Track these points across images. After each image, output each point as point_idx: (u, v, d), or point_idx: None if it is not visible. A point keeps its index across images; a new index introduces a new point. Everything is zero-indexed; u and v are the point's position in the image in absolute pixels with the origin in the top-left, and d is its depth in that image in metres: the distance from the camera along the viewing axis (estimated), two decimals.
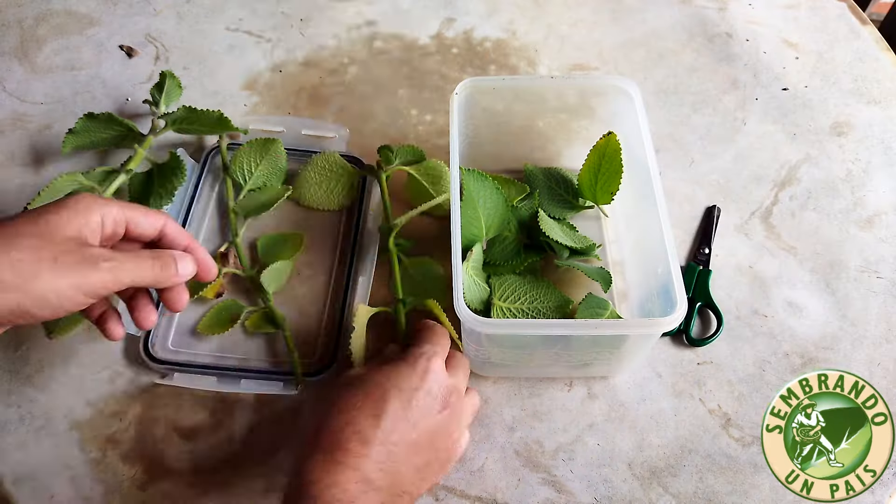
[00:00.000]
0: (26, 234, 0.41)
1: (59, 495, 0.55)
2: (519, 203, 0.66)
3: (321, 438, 0.45)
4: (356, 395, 0.47)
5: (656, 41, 0.83)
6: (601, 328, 0.50)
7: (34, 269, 0.40)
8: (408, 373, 0.48)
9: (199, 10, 0.86)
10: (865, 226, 0.68)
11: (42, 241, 0.41)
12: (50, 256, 0.40)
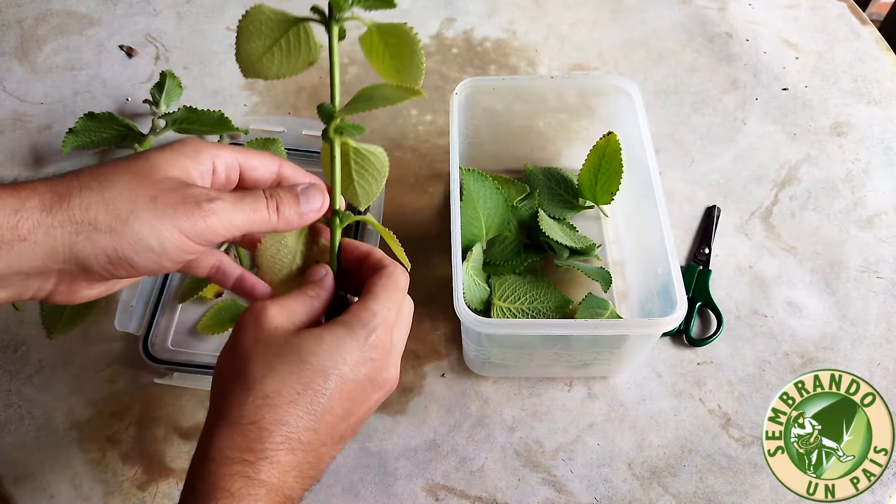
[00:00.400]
0: (121, 171, 0.36)
1: (59, 495, 0.55)
2: (519, 203, 0.66)
3: (244, 429, 0.35)
4: (293, 377, 0.36)
5: (656, 41, 0.83)
6: (601, 328, 0.50)
7: (129, 208, 0.35)
8: (356, 356, 0.38)
9: (199, 9, 0.86)
10: (865, 226, 0.68)
11: (139, 178, 0.36)
12: (147, 195, 0.35)
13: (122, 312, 0.60)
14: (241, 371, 0.37)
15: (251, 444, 0.35)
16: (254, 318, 0.38)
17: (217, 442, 0.35)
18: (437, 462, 0.56)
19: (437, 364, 0.60)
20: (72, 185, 0.35)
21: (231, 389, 0.36)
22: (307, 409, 0.37)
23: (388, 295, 0.40)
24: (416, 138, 0.75)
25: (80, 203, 0.34)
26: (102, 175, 0.35)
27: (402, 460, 0.56)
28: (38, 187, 0.34)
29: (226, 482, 0.34)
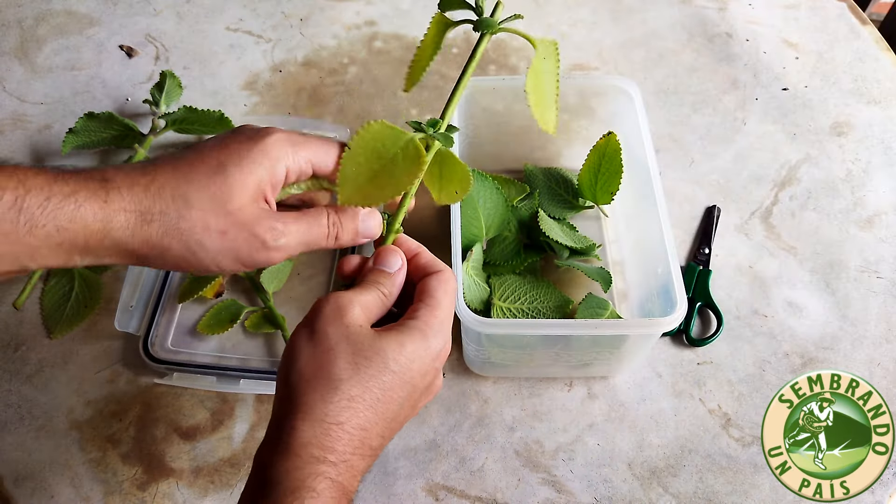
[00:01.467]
0: (200, 192, 0.37)
1: (58, 495, 0.55)
2: (519, 203, 0.66)
3: (328, 428, 0.36)
4: (376, 382, 0.37)
5: (656, 41, 0.83)
6: (601, 328, 0.50)
7: (200, 241, 0.37)
8: (426, 366, 0.39)
9: (199, 9, 0.86)
10: (865, 226, 0.68)
11: (215, 204, 0.37)
12: (219, 229, 0.37)
13: (121, 312, 0.60)
14: (325, 366, 0.37)
15: (334, 444, 0.36)
16: (338, 312, 0.38)
17: (303, 438, 0.35)
18: (437, 462, 0.56)
19: None
20: (153, 208, 0.37)
21: (314, 384, 0.36)
22: (382, 416, 0.37)
23: (449, 302, 0.41)
24: None
25: (157, 230, 0.37)
26: (181, 198, 0.37)
27: (402, 460, 0.56)
28: (124, 200, 0.36)
29: (312, 482, 0.35)
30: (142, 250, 0.37)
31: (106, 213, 0.36)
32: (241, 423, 0.58)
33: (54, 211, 0.34)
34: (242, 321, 0.62)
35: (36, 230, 0.34)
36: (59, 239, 0.35)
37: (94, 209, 0.35)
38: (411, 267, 0.43)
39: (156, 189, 0.37)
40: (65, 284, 0.64)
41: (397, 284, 0.42)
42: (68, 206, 0.35)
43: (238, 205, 0.38)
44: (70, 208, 0.35)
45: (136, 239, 0.36)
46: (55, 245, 0.35)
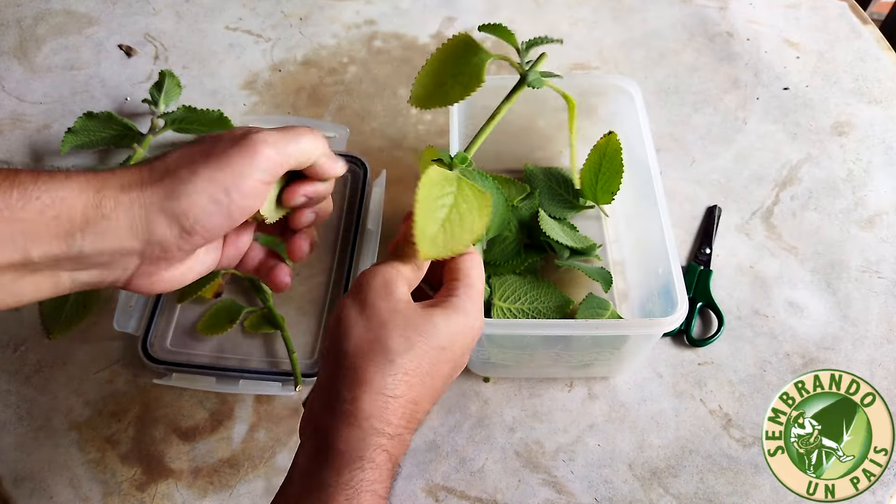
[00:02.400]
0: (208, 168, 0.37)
1: (57, 496, 0.54)
2: (519, 203, 0.66)
3: (387, 401, 0.36)
4: (427, 357, 0.38)
5: (657, 40, 0.83)
6: (602, 328, 0.49)
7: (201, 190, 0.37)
8: (468, 343, 0.41)
9: (199, 9, 0.86)
10: (866, 226, 0.68)
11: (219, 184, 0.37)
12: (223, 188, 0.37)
13: (120, 312, 0.60)
14: (381, 340, 0.37)
15: (391, 417, 0.37)
16: (386, 286, 0.39)
17: (365, 409, 0.36)
18: (437, 463, 0.56)
19: None
20: (154, 166, 0.37)
21: (372, 357, 0.37)
22: (430, 389, 0.39)
23: (481, 282, 0.42)
24: (417, 138, 0.74)
25: (161, 168, 0.36)
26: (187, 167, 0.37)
27: (401, 461, 0.56)
28: (117, 171, 0.36)
29: (372, 453, 0.36)
30: (141, 210, 0.36)
31: (100, 177, 0.35)
32: (240, 423, 0.58)
33: (47, 182, 0.34)
34: (242, 321, 0.61)
35: (29, 204, 0.33)
36: (55, 211, 0.34)
37: (87, 176, 0.35)
38: None
39: (152, 162, 0.37)
40: None
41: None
42: (58, 177, 0.34)
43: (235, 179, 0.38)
44: (60, 179, 0.34)
45: (133, 196, 0.36)
46: (52, 220, 0.34)
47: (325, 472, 0.35)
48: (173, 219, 0.36)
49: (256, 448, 0.56)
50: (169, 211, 0.36)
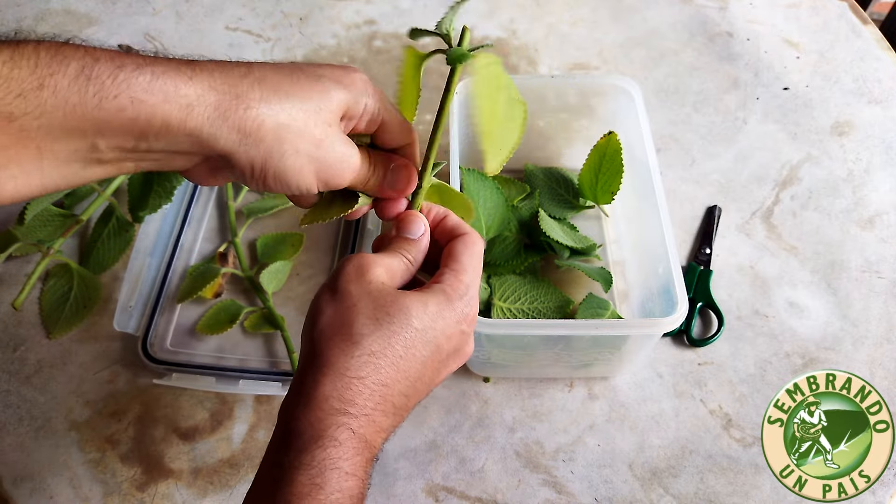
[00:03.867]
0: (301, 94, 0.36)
1: (57, 496, 0.54)
2: (519, 203, 0.66)
3: (349, 381, 0.35)
4: (398, 338, 0.37)
5: (657, 40, 0.83)
6: (602, 328, 0.49)
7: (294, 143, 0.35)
8: (452, 327, 0.39)
9: (199, 9, 0.86)
10: (867, 226, 0.68)
11: (316, 114, 0.36)
12: (315, 139, 0.36)
13: (120, 312, 0.60)
14: (346, 321, 0.36)
15: (354, 397, 0.35)
16: (360, 269, 0.38)
17: (324, 391, 0.35)
18: (437, 463, 0.56)
19: None
20: (251, 94, 0.34)
21: (335, 338, 0.36)
22: (404, 373, 0.37)
23: (474, 266, 0.40)
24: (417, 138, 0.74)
25: (254, 117, 0.34)
26: (284, 93, 0.35)
27: (401, 461, 0.56)
28: (216, 80, 0.34)
29: (333, 431, 0.35)
30: (229, 138, 0.34)
31: (192, 89, 0.33)
32: (240, 423, 0.58)
33: (127, 80, 0.31)
34: (242, 321, 0.61)
35: (106, 102, 0.31)
36: (133, 113, 0.31)
37: (177, 83, 0.32)
38: (438, 230, 0.43)
39: (254, 78, 0.35)
40: (64, 284, 0.64)
41: (421, 250, 0.41)
42: (143, 75, 0.32)
43: (334, 119, 0.37)
44: (146, 78, 0.32)
45: (227, 123, 0.33)
46: (128, 121, 0.31)
47: (287, 454, 0.35)
48: (253, 163, 0.35)
49: (256, 448, 0.56)
50: (256, 158, 0.35)
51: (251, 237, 0.67)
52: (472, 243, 0.41)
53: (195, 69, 0.33)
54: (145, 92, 0.31)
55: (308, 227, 0.67)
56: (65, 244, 0.66)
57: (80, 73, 0.30)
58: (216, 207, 0.69)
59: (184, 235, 0.65)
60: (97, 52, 0.31)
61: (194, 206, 0.67)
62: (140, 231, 0.65)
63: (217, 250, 0.65)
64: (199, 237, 0.67)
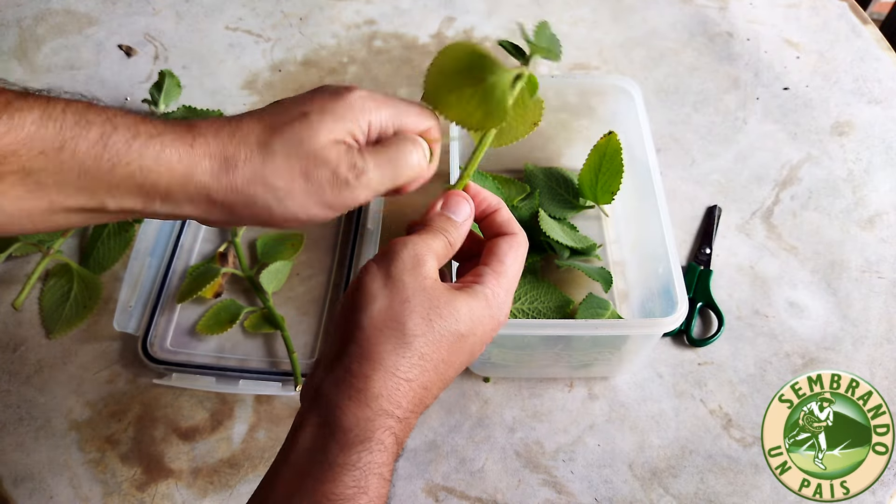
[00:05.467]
0: (284, 137, 0.37)
1: (58, 496, 0.54)
2: (519, 203, 0.66)
3: (399, 383, 0.35)
4: (444, 344, 0.37)
5: (657, 40, 0.83)
6: (602, 329, 0.49)
7: (286, 187, 0.37)
8: (488, 332, 0.39)
9: (199, 9, 0.86)
10: (867, 226, 0.68)
11: (299, 147, 0.37)
12: (302, 169, 0.37)
13: (120, 313, 0.60)
14: (400, 317, 0.36)
15: (401, 400, 0.35)
16: (416, 261, 0.37)
17: (376, 389, 0.35)
18: (437, 463, 0.56)
19: None
20: (238, 153, 0.36)
21: (387, 332, 0.36)
22: (441, 377, 0.37)
23: (516, 271, 0.40)
24: None
25: (242, 177, 0.36)
26: (265, 145, 0.37)
27: (401, 461, 0.56)
28: (210, 146, 0.36)
29: (381, 434, 0.35)
30: (227, 198, 0.36)
31: (191, 157, 0.35)
32: (240, 423, 0.58)
33: (140, 150, 0.34)
34: (242, 321, 0.61)
35: (118, 168, 0.34)
36: (142, 180, 0.34)
37: (180, 152, 0.35)
38: (486, 222, 0.42)
39: (241, 137, 0.37)
40: (64, 284, 0.64)
41: (462, 234, 0.40)
42: (154, 146, 0.34)
43: (320, 145, 0.37)
44: (155, 149, 0.34)
45: (220, 185, 0.36)
46: (136, 186, 0.34)
47: (332, 449, 0.34)
48: (254, 217, 0.37)
49: (256, 448, 0.56)
50: (256, 212, 0.37)
51: (251, 237, 0.67)
52: (517, 245, 0.40)
53: (195, 136, 0.36)
54: (154, 161, 0.34)
55: (308, 227, 0.67)
56: (65, 244, 0.66)
57: (99, 139, 0.33)
58: None
59: (184, 235, 0.65)
60: (117, 119, 0.34)
61: None
62: (140, 231, 0.65)
63: (217, 250, 0.65)
64: (198, 237, 0.67)
